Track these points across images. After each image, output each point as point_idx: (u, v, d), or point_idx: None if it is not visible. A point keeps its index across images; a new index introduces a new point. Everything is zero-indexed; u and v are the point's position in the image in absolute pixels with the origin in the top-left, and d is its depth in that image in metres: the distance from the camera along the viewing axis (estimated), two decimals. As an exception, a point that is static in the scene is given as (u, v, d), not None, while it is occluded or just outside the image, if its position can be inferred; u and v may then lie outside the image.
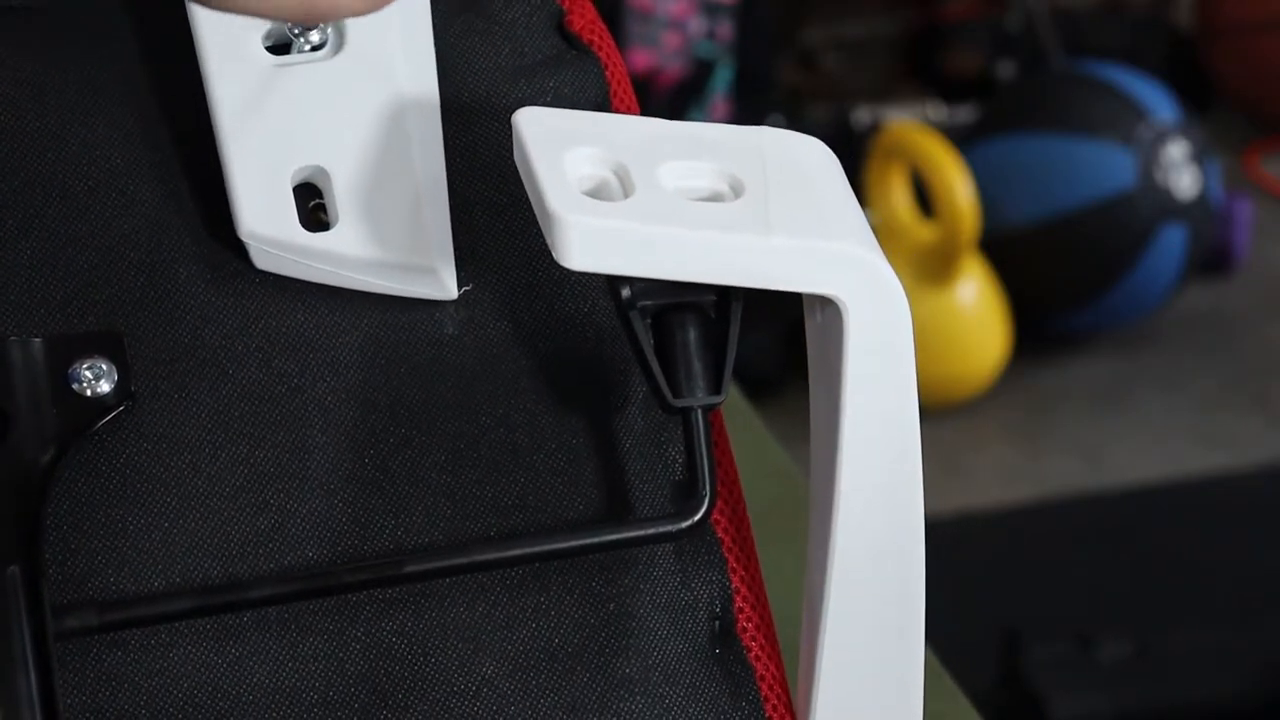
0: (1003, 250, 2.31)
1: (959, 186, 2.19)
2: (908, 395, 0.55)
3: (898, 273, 0.56)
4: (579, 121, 0.57)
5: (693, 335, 0.56)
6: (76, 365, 0.56)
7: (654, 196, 0.54)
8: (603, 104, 0.62)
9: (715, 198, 0.56)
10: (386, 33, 0.60)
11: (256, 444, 0.57)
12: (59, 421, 0.55)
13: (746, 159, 0.56)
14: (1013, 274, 2.31)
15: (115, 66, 0.60)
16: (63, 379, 0.56)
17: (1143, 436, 2.26)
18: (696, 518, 0.57)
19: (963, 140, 2.35)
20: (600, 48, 0.63)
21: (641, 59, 2.39)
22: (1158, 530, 2.01)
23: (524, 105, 0.60)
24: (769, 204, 0.55)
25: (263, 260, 0.58)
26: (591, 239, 0.53)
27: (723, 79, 2.43)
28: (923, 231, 2.27)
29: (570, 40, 0.63)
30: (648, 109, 0.64)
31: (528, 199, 0.55)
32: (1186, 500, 2.09)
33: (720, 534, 0.59)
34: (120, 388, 0.56)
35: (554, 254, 0.53)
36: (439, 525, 0.57)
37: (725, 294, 0.56)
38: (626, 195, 0.55)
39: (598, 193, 0.55)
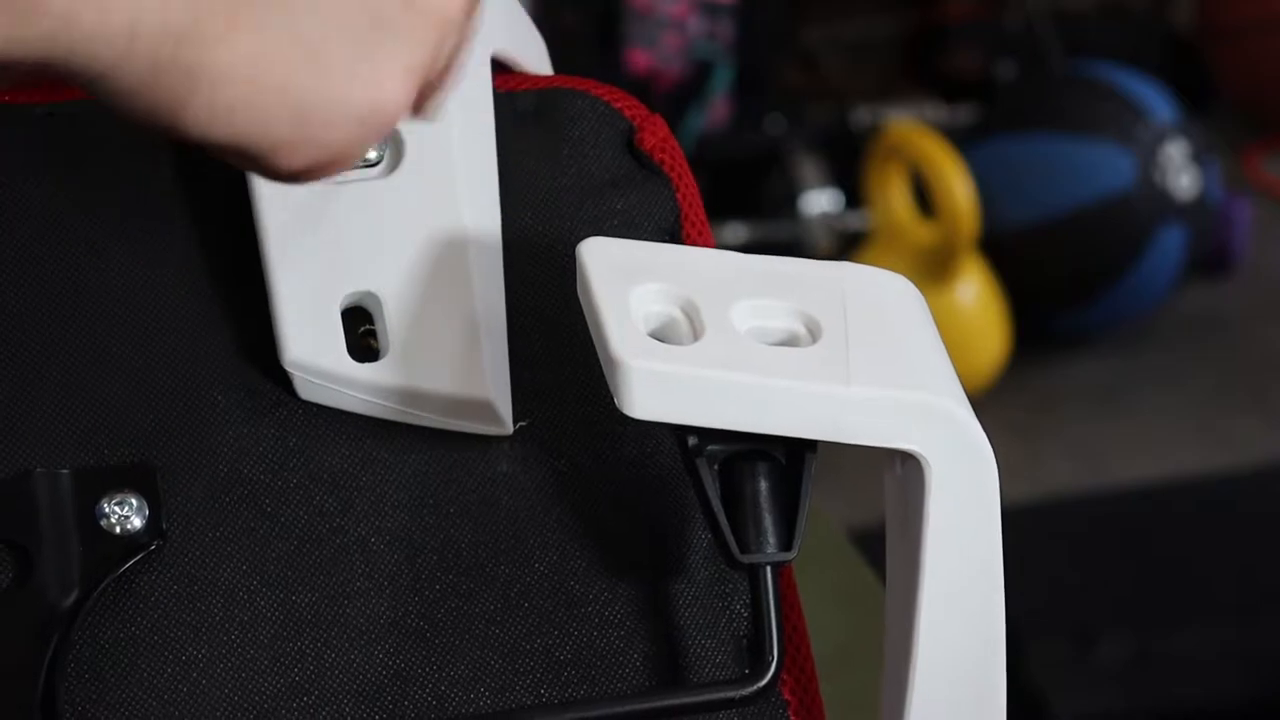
0: (1003, 250, 2.30)
1: (959, 186, 2.19)
2: (992, 556, 0.52)
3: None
4: (646, 254, 0.53)
5: (763, 486, 0.52)
6: (105, 500, 0.52)
7: (725, 339, 0.51)
8: (674, 227, 0.59)
9: (791, 340, 0.52)
10: (446, 149, 0.56)
11: (294, 588, 0.53)
12: (85, 561, 0.51)
13: (825, 297, 0.53)
14: (1013, 274, 2.31)
15: (156, 178, 0.57)
16: (90, 515, 0.52)
17: (1143, 436, 2.26)
18: (763, 683, 0.53)
19: (963, 140, 2.34)
20: (672, 168, 0.59)
21: (641, 59, 2.39)
22: (1157, 530, 2.01)
23: (589, 227, 0.57)
24: (848, 349, 0.51)
25: (307, 391, 0.55)
26: (656, 386, 0.50)
27: (723, 79, 2.43)
28: (923, 231, 2.27)
29: (640, 159, 0.59)
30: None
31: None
32: (1186, 500, 2.08)
33: (787, 695, 0.56)
34: (151, 525, 0.52)
35: (616, 401, 0.50)
36: (485, 680, 0.53)
37: (799, 442, 0.52)
38: (696, 337, 0.51)
39: (665, 333, 0.52)
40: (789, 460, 0.53)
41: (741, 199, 2.39)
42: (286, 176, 0.50)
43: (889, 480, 0.54)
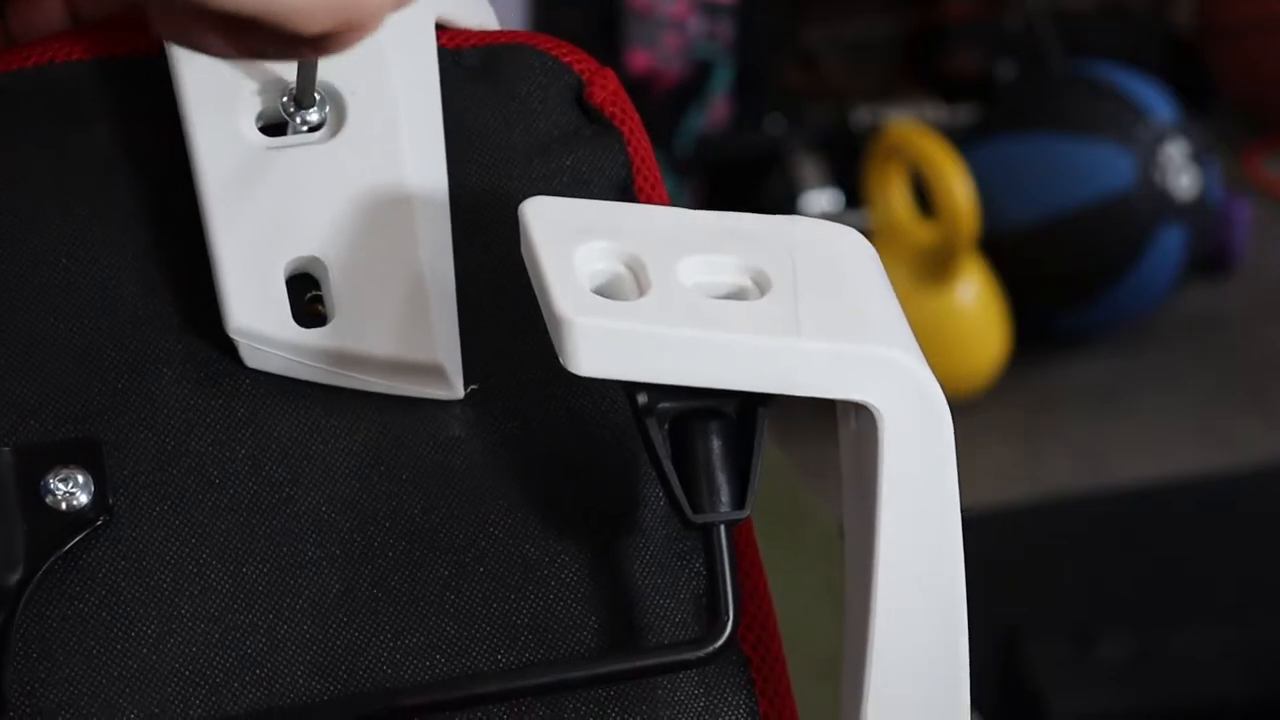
0: (1003, 250, 2.30)
1: (959, 186, 2.19)
2: (948, 507, 0.51)
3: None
4: (591, 212, 0.53)
5: (715, 444, 0.52)
6: (49, 476, 0.52)
7: (671, 294, 0.50)
8: (625, 183, 0.58)
9: (739, 295, 0.52)
10: (390, 110, 0.56)
11: (244, 560, 0.53)
12: (29, 538, 0.51)
13: (774, 251, 0.52)
14: (1013, 274, 2.31)
15: (95, 149, 0.56)
16: (34, 491, 0.51)
17: (1143, 436, 2.26)
18: (719, 644, 0.52)
19: (963, 140, 2.34)
20: (623, 121, 0.59)
21: (641, 59, 2.39)
22: (1158, 530, 2.01)
23: (539, 184, 0.56)
24: (798, 302, 0.51)
25: (253, 358, 0.54)
26: (601, 342, 0.49)
27: (723, 79, 2.43)
28: (923, 231, 2.27)
29: (590, 113, 0.59)
30: (648, 110, 0.61)
31: None
32: (1186, 500, 2.08)
33: (747, 652, 0.55)
34: (97, 500, 0.52)
35: (561, 359, 0.49)
36: (441, 648, 0.53)
37: (750, 397, 0.52)
38: (641, 293, 0.51)
39: (610, 290, 0.51)
40: (742, 417, 0.52)
41: (741, 199, 2.39)
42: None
43: (843, 436, 0.53)
